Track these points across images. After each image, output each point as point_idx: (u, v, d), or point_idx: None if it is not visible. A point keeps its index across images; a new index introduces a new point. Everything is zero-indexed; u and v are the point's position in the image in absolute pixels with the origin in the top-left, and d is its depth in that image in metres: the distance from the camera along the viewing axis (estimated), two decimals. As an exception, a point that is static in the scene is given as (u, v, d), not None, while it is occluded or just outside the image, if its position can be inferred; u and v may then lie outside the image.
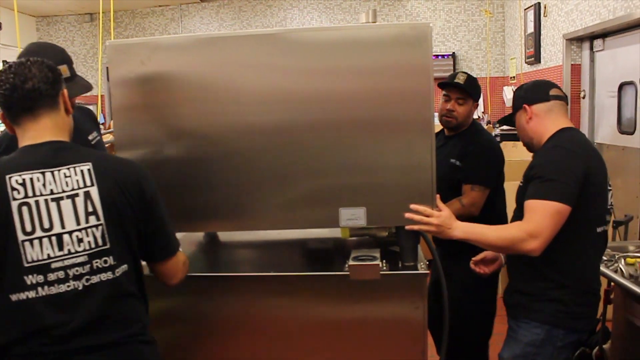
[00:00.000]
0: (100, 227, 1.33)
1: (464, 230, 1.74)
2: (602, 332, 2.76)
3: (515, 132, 2.05)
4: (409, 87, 1.72)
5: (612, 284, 2.56)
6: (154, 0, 7.91)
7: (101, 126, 7.20)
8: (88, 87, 1.94)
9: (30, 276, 1.27)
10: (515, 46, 6.81)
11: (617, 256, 2.36)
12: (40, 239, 1.28)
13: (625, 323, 2.33)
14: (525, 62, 6.24)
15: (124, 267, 1.38)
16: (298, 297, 1.80)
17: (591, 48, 4.90)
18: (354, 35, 1.75)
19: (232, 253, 2.20)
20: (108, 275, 1.34)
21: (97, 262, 1.32)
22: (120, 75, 1.81)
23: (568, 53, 5.09)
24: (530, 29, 6.01)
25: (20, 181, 1.29)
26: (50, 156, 1.34)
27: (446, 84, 2.54)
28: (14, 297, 1.27)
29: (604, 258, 2.36)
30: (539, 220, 1.69)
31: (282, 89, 1.76)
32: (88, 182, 1.34)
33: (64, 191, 1.32)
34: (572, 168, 1.74)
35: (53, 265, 1.28)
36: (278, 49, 1.77)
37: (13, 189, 1.28)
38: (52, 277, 1.28)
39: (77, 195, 1.32)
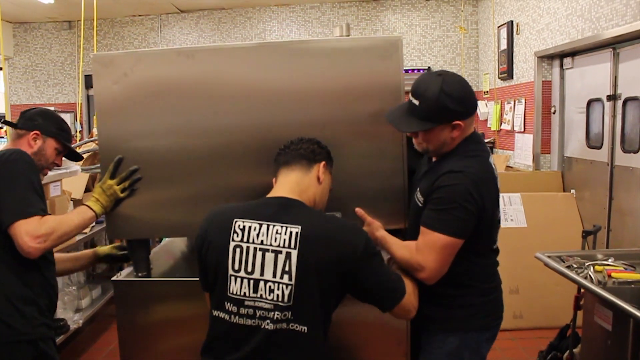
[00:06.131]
0: (289, 287, 1.48)
1: (383, 233, 1.79)
2: (572, 337, 2.89)
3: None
4: (381, 96, 1.83)
5: (582, 290, 2.70)
6: (134, 10, 7.89)
7: (78, 134, 7.15)
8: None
9: (229, 304, 1.52)
10: (488, 62, 7.01)
11: (586, 264, 2.49)
12: (242, 278, 1.51)
13: (594, 327, 2.46)
14: (499, 78, 6.42)
15: (302, 327, 1.49)
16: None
17: (561, 66, 5.10)
18: (332, 48, 1.86)
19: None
20: (282, 326, 1.49)
21: (278, 314, 1.48)
22: (104, 86, 1.90)
23: (539, 70, 5.28)
24: (503, 45, 6.19)
25: (242, 227, 1.53)
26: (273, 211, 1.54)
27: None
28: (215, 313, 1.56)
29: (574, 266, 2.50)
30: (426, 252, 1.65)
31: (260, 101, 1.86)
32: (292, 245, 1.49)
33: (271, 245, 1.50)
34: (474, 199, 1.64)
35: (246, 303, 1.51)
36: (257, 60, 1.86)
37: (234, 232, 1.53)
38: (243, 311, 1.51)
39: (280, 252, 1.49)
